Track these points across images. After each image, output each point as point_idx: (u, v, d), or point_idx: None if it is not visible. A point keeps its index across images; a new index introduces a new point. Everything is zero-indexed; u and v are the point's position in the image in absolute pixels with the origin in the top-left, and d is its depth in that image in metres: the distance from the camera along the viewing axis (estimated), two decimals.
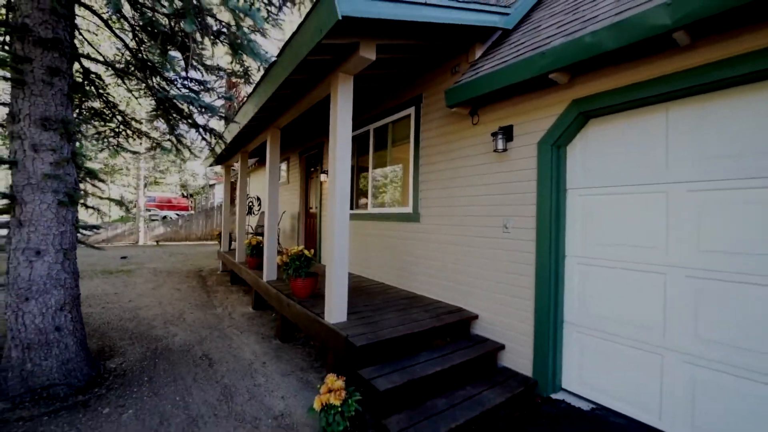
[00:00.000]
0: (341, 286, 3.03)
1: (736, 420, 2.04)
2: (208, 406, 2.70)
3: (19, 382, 2.61)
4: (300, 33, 2.63)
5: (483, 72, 3.05)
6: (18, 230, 2.59)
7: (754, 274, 1.99)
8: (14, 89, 2.58)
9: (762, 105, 1.97)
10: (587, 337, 2.76)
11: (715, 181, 2.15)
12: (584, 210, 2.79)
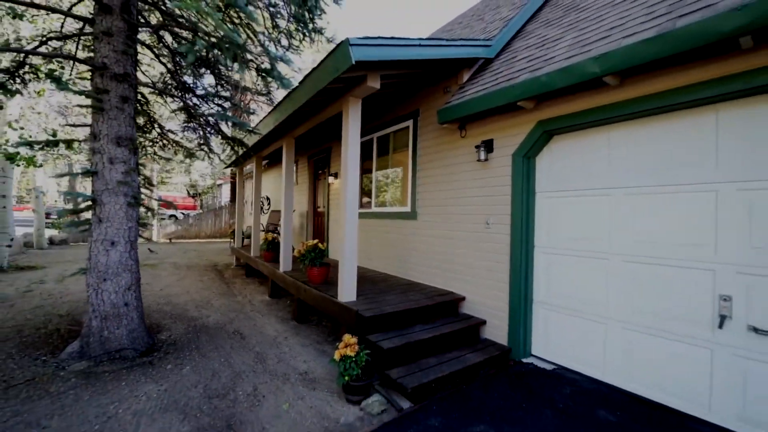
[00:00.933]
0: (351, 272, 3.71)
1: (655, 365, 2.71)
2: (247, 365, 3.39)
3: (98, 346, 3.31)
4: (320, 69, 3.30)
5: (468, 96, 3.72)
6: (98, 225, 3.28)
7: (669, 258, 2.65)
8: (95, 114, 3.26)
9: (656, 131, 2.63)
10: (551, 313, 3.43)
11: (641, 187, 2.81)
12: (549, 209, 3.45)
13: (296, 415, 2.62)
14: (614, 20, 2.96)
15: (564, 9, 4.25)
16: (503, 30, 4.22)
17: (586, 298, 3.16)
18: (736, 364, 2.33)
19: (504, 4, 5.74)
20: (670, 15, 2.40)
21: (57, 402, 2.63)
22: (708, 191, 2.47)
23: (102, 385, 2.89)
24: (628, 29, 2.63)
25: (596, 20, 3.25)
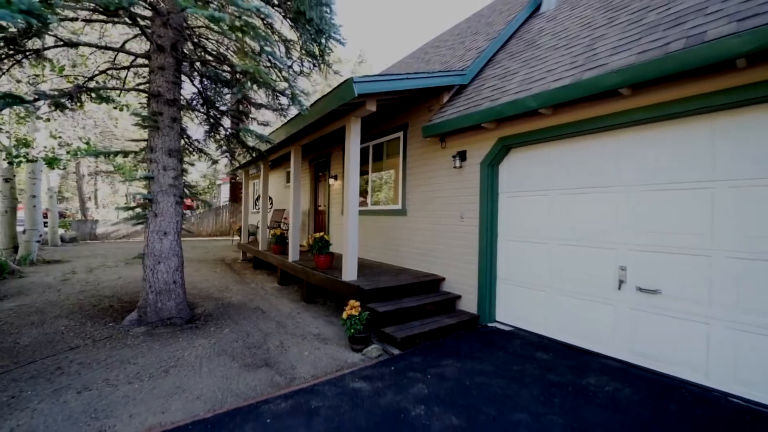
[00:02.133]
0: (353, 258, 4.63)
1: (578, 320, 3.68)
2: (271, 329, 4.29)
3: (153, 314, 4.19)
4: (330, 95, 4.23)
5: (446, 117, 4.68)
6: (154, 219, 4.16)
7: (587, 241, 3.63)
8: (151, 131, 4.14)
9: (580, 149, 3.61)
10: (510, 287, 4.40)
11: (568, 189, 3.78)
12: (508, 207, 4.42)
13: (314, 358, 3.55)
14: (551, 65, 3.94)
15: (525, 43, 5.23)
16: (476, 61, 5.19)
17: (534, 274, 4.13)
18: (629, 314, 3.31)
19: (481, 30, 6.72)
20: (582, 67, 3.39)
21: (136, 349, 3.52)
22: (612, 192, 3.45)
23: (165, 340, 3.79)
24: (556, 74, 3.61)
25: (541, 61, 4.24)
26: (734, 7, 2.62)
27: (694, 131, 2.91)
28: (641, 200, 3.23)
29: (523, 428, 2.33)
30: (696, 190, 2.90)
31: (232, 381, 3.04)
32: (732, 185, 2.71)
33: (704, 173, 2.85)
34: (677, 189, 3.00)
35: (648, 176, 3.18)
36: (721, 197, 2.77)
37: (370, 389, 2.87)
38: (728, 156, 2.73)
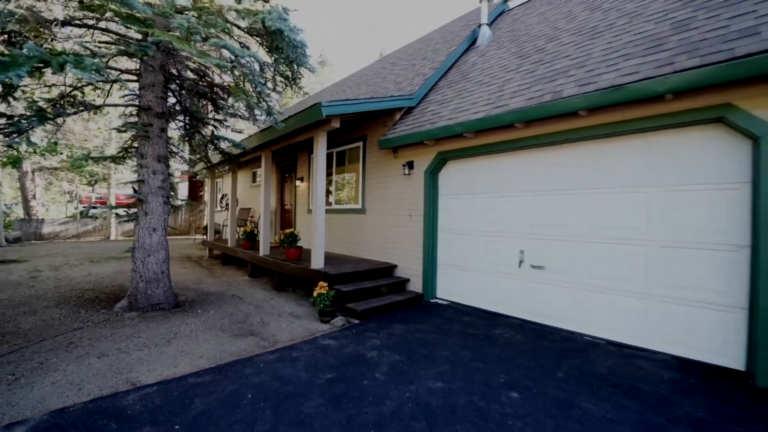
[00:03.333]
0: (320, 249, 5.52)
1: (492, 291, 4.89)
2: (251, 310, 5.07)
3: (144, 301, 4.79)
4: (302, 114, 5.08)
5: (396, 133, 5.72)
6: (144, 217, 4.76)
7: (500, 232, 4.85)
8: (142, 140, 4.73)
9: (494, 163, 4.83)
10: (448, 270, 5.54)
11: (491, 193, 4.98)
12: (445, 206, 5.56)
13: (291, 329, 4.41)
14: (475, 98, 5.13)
15: (461, 75, 6.43)
16: (422, 86, 6.30)
17: (465, 259, 5.30)
18: (526, 285, 4.56)
19: (429, 57, 7.88)
20: (493, 105, 4.58)
21: (135, 327, 4.16)
22: (515, 197, 4.68)
23: (159, 320, 4.44)
24: (476, 108, 4.79)
25: (469, 93, 5.42)
26: (582, 74, 3.92)
27: (566, 154, 4.19)
28: (533, 202, 4.48)
29: (443, 360, 3.41)
30: (570, 194, 4.19)
31: (226, 346, 3.83)
32: (592, 193, 4.01)
33: (579, 183, 4.14)
34: (560, 194, 4.28)
35: (538, 186, 4.44)
36: (582, 200, 4.07)
37: (336, 344, 3.82)
38: (586, 172, 4.03)
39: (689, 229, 3.32)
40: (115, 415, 2.46)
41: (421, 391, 2.80)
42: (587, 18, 5.25)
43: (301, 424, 2.38)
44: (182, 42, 3.12)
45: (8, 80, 2.18)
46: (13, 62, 2.19)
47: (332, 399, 2.70)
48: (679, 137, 3.36)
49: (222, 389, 2.84)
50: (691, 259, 3.31)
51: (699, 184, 3.27)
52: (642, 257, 3.60)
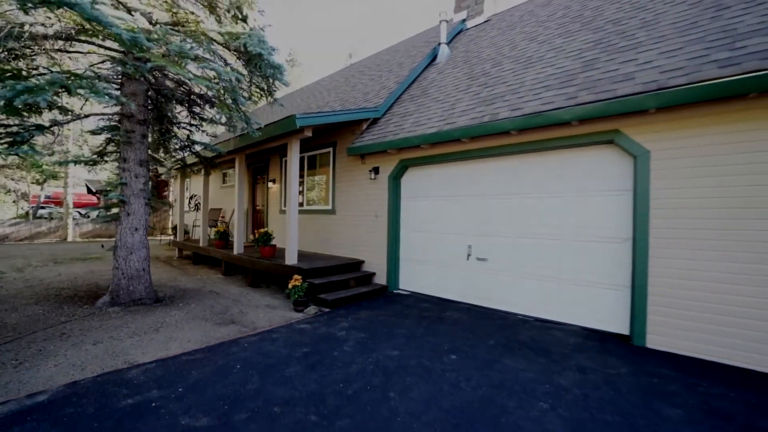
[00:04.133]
0: (294, 246, 6.06)
1: (445, 281, 5.67)
2: (229, 303, 5.52)
3: (126, 296, 5.11)
4: (276, 124, 5.60)
5: (363, 142, 6.38)
6: (126, 217, 5.08)
7: (451, 231, 5.64)
8: (124, 145, 5.05)
9: (447, 170, 5.62)
10: (409, 264, 6.27)
11: (444, 196, 5.76)
12: (407, 207, 6.29)
13: (269, 317, 4.94)
14: (431, 113, 5.89)
15: (421, 90, 7.19)
16: (386, 99, 6.99)
17: (423, 254, 6.05)
18: (473, 275, 5.37)
19: (394, 70, 8.60)
20: (445, 121, 5.36)
21: (122, 319, 4.52)
22: (464, 199, 5.49)
23: (143, 313, 4.81)
24: (431, 123, 5.55)
25: (427, 108, 6.18)
26: (514, 99, 4.77)
27: (503, 164, 5.03)
28: (479, 204, 5.31)
29: (400, 336, 4.11)
30: (507, 198, 5.03)
31: (211, 332, 4.31)
32: (523, 197, 4.88)
33: (513, 189, 4.99)
34: (499, 198, 5.12)
35: (482, 190, 5.27)
36: (516, 203, 4.93)
37: (310, 327, 4.42)
38: (519, 180, 4.89)
39: (591, 226, 4.25)
40: (124, 384, 2.93)
41: (381, 357, 3.48)
42: (525, 48, 6.18)
43: (284, 382, 2.97)
44: (176, 66, 3.57)
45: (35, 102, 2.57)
46: (40, 88, 2.56)
47: (308, 366, 3.31)
48: (583, 154, 4.28)
49: (213, 363, 3.36)
50: (592, 250, 4.24)
51: (597, 191, 4.20)
52: (558, 250, 4.49)
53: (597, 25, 5.38)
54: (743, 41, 3.40)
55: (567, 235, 4.44)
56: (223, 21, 4.96)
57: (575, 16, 6.17)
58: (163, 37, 3.51)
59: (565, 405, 2.64)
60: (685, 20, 4.20)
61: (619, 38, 4.66)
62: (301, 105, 11.27)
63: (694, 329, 3.44)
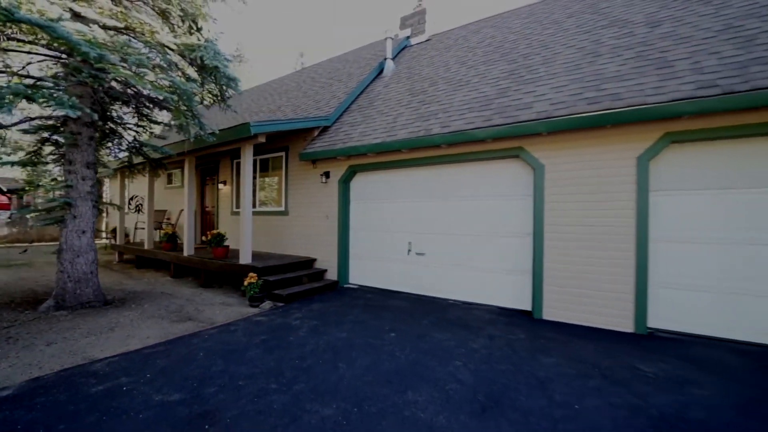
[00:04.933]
0: (248, 246, 6.37)
1: (390, 274, 6.40)
2: (184, 303, 5.70)
3: (73, 300, 5.09)
4: (230, 130, 5.89)
5: (314, 148, 6.88)
6: (73, 220, 5.06)
7: (396, 229, 6.37)
8: (69, 147, 5.03)
9: (391, 176, 6.35)
10: (357, 260, 6.89)
11: (389, 198, 6.47)
12: (356, 209, 6.91)
13: (226, 314, 5.25)
14: (377, 125, 6.58)
15: (369, 101, 7.86)
16: (337, 108, 7.55)
17: (370, 251, 6.72)
18: (413, 267, 6.15)
19: (344, 80, 9.17)
20: (387, 133, 6.07)
21: (72, 322, 4.57)
22: (404, 202, 6.25)
23: (94, 315, 4.86)
24: (377, 134, 6.24)
25: (373, 120, 6.86)
26: (444, 117, 5.63)
27: (436, 172, 5.86)
28: (417, 206, 6.10)
29: (348, 321, 4.72)
30: (439, 201, 5.87)
31: (169, 328, 4.55)
32: (452, 201, 5.74)
33: (444, 193, 5.83)
34: (433, 201, 5.93)
35: (419, 194, 6.07)
36: (446, 206, 5.78)
37: (266, 319, 4.85)
38: (448, 186, 5.74)
39: (503, 224, 5.22)
40: (90, 375, 3.18)
41: (331, 339, 4.07)
42: (457, 71, 7.13)
43: (245, 363, 3.44)
44: (137, 78, 3.79)
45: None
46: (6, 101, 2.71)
47: (267, 349, 3.79)
48: (497, 165, 5.24)
49: (177, 353, 3.70)
50: (504, 244, 5.21)
51: (508, 195, 5.18)
52: (479, 244, 5.42)
53: (512, 57, 6.46)
54: (606, 84, 4.53)
55: (485, 232, 5.37)
56: (177, 31, 5.18)
57: (498, 46, 7.26)
58: (121, 49, 3.73)
59: (473, 361, 3.46)
60: (572, 62, 5.35)
61: (526, 71, 5.73)
62: (251, 107, 11.35)
63: (571, 302, 4.51)
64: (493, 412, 2.62)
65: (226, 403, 2.71)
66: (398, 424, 2.45)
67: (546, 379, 3.12)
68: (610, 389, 2.94)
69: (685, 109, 3.69)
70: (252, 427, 2.42)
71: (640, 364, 3.39)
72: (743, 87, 3.48)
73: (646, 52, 4.74)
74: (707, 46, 4.27)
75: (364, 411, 2.62)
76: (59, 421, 2.48)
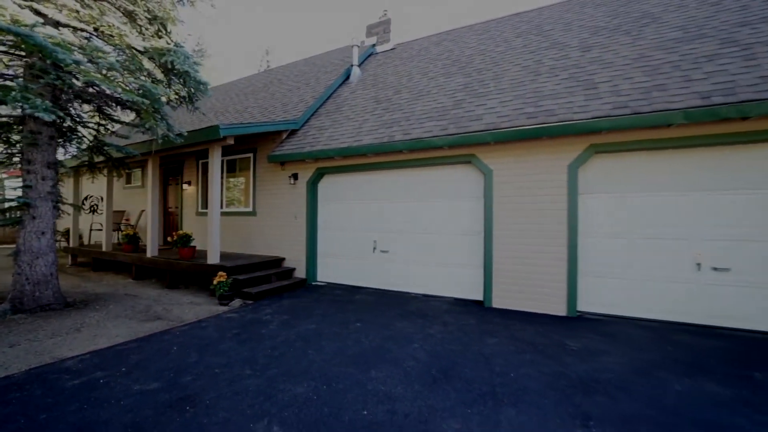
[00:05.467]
0: (216, 246, 6.48)
1: (356, 271, 6.78)
2: (150, 303, 5.72)
3: (31, 302, 4.98)
4: (199, 132, 5.99)
5: (283, 151, 7.10)
6: (32, 221, 4.96)
7: (363, 228, 6.75)
8: (29, 146, 4.92)
9: (357, 178, 6.74)
10: (325, 259, 7.20)
11: (355, 199, 6.84)
12: (323, 209, 7.21)
13: (195, 312, 5.37)
14: (344, 130, 6.93)
15: (336, 106, 8.18)
16: (304, 112, 7.81)
17: (338, 249, 7.05)
18: (378, 264, 6.57)
19: (311, 84, 9.41)
20: (353, 138, 6.45)
21: (33, 324, 4.51)
22: (369, 202, 6.65)
23: (56, 317, 4.81)
24: (343, 138, 6.59)
25: (340, 125, 7.21)
26: (406, 125, 6.10)
27: (398, 175, 6.32)
28: (381, 207, 6.53)
29: (317, 315, 5.04)
30: (401, 203, 6.33)
31: (137, 327, 4.63)
32: (412, 202, 6.22)
33: (406, 195, 6.30)
34: (396, 202, 6.38)
35: (383, 195, 6.50)
36: (407, 207, 6.25)
37: (237, 316, 5.05)
38: (409, 188, 6.22)
39: (458, 223, 5.77)
40: (63, 371, 3.28)
41: (301, 330, 4.38)
42: (419, 81, 7.65)
43: (220, 354, 3.68)
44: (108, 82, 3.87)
45: None
46: None
47: (240, 341, 4.03)
48: (453, 170, 5.80)
49: (150, 348, 3.85)
50: (459, 241, 5.77)
51: (463, 197, 5.74)
52: (437, 241, 5.94)
53: (467, 71, 7.09)
54: (543, 101, 5.21)
55: (443, 231, 5.91)
56: (146, 33, 5.24)
57: (455, 60, 7.87)
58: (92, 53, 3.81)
59: (429, 344, 3.93)
60: (517, 79, 6.03)
61: (479, 85, 6.35)
62: (217, 106, 11.25)
63: (516, 292, 5.14)
64: (442, 382, 3.08)
65: (204, 388, 2.97)
66: (362, 396, 2.85)
67: (489, 355, 3.65)
68: (541, 361, 3.52)
69: (603, 126, 4.41)
70: (231, 405, 2.71)
71: (568, 341, 4.02)
72: (646, 109, 4.24)
73: (577, 73, 5.49)
74: (624, 72, 5.06)
75: (332, 388, 2.98)
76: (38, 411, 2.63)
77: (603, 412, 2.62)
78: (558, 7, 8.49)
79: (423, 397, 2.84)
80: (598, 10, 7.41)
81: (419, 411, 2.63)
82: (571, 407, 2.68)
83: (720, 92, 3.99)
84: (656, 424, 2.47)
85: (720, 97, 3.94)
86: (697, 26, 5.43)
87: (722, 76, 4.22)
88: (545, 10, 8.68)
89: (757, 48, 4.44)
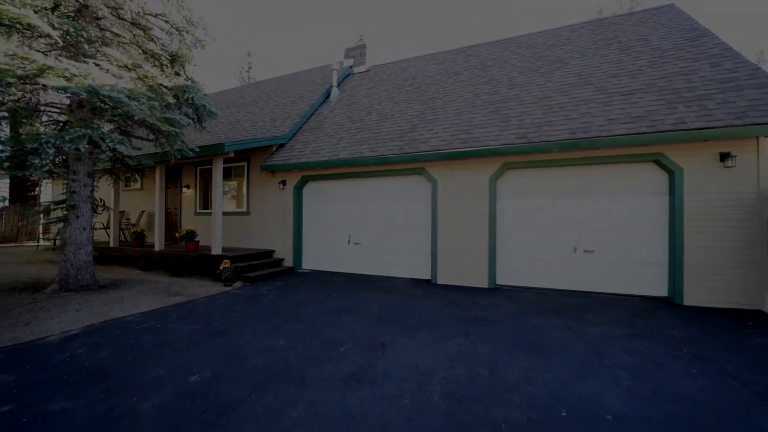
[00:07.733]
0: (219, 240, 7.93)
1: (335, 260, 8.39)
2: (167, 285, 7.13)
3: (74, 283, 6.32)
4: (208, 147, 7.44)
5: (274, 162, 8.63)
6: (76, 219, 6.30)
7: (340, 225, 8.37)
8: (75, 160, 6.27)
9: (335, 184, 8.35)
10: (310, 249, 8.76)
11: (336, 201, 8.44)
12: (308, 209, 8.77)
13: (206, 291, 6.83)
14: (324, 145, 8.52)
15: (318, 123, 9.74)
16: (291, 128, 9.33)
17: (319, 242, 8.62)
18: (351, 254, 8.19)
19: (297, 101, 10.92)
20: (331, 153, 8.06)
21: (84, 297, 5.89)
22: (347, 203, 8.27)
23: (98, 294, 6.19)
24: (324, 152, 8.19)
25: (321, 140, 8.78)
26: (374, 143, 7.76)
27: (368, 182, 7.96)
28: (354, 208, 8.16)
29: (303, 291, 6.63)
30: (373, 203, 7.98)
31: (165, 300, 6.07)
32: (381, 203, 7.88)
33: (377, 197, 7.95)
34: (368, 203, 8.02)
35: (357, 198, 8.13)
36: (379, 207, 7.91)
37: (241, 292, 6.58)
38: (380, 192, 7.88)
39: (413, 220, 7.48)
40: (128, 323, 4.75)
41: (292, 299, 5.97)
42: (386, 104, 9.33)
43: (236, 312, 5.22)
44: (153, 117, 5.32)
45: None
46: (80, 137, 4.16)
47: (248, 306, 5.58)
48: (408, 179, 7.49)
49: (182, 310, 5.34)
50: (414, 235, 7.47)
51: (416, 200, 7.45)
52: (398, 235, 7.63)
53: (423, 99, 8.82)
54: (473, 129, 6.98)
55: (401, 226, 7.61)
56: (166, 71, 6.67)
57: (417, 87, 9.61)
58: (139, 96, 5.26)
59: (384, 304, 5.60)
60: (458, 109, 7.80)
61: (430, 112, 8.10)
62: None
63: (455, 271, 6.90)
64: (387, 323, 4.76)
65: (231, 328, 4.53)
66: (334, 329, 4.48)
67: (423, 309, 5.36)
68: (456, 312, 5.25)
69: (509, 150, 6.21)
70: (251, 334, 4.29)
71: (480, 300, 5.79)
72: (536, 139, 6.06)
73: (500, 108, 7.31)
74: (530, 109, 6.91)
75: (316, 325, 4.61)
76: (128, 338, 4.12)
77: (481, 332, 4.37)
78: (502, 44, 10.38)
79: (373, 328, 4.51)
80: (528, 51, 9.32)
81: (369, 334, 4.30)
82: (463, 330, 4.42)
83: (581, 129, 5.86)
84: (509, 336, 4.24)
85: (581, 133, 5.81)
86: (588, 74, 7.36)
87: (587, 117, 6.11)
88: (492, 45, 10.55)
89: (615, 96, 6.36)
